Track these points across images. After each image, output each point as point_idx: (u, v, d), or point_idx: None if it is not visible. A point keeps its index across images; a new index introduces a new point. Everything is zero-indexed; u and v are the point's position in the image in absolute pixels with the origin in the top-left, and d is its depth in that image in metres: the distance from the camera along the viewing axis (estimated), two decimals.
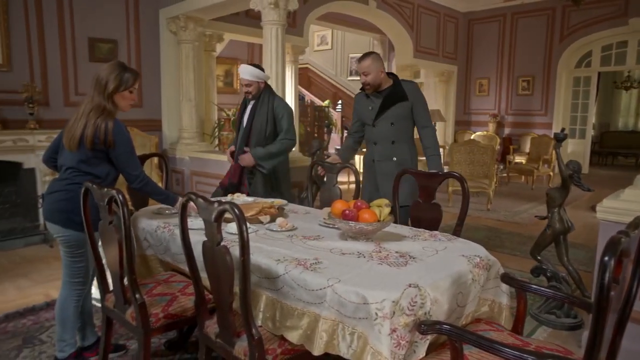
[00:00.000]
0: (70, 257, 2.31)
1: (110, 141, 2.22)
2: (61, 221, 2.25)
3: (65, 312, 2.32)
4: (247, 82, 3.47)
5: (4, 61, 4.86)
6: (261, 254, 1.83)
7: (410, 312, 1.48)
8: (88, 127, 2.20)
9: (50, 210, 2.29)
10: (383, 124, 3.19)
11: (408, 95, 3.14)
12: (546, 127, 9.92)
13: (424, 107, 3.21)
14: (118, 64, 2.32)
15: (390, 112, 3.15)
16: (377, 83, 3.11)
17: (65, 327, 2.32)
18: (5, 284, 3.59)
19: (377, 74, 3.08)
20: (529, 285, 1.80)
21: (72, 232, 2.26)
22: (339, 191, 3.13)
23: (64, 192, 2.27)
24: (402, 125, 3.19)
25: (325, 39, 12.85)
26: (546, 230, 3.03)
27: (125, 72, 2.29)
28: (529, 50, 10.08)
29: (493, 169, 6.48)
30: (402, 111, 3.16)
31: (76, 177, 2.27)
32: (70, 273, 2.32)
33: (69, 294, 2.33)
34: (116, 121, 2.26)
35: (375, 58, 3.09)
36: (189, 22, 5.74)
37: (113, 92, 2.25)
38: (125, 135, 2.29)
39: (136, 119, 5.93)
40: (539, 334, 2.82)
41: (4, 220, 4.60)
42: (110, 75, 2.25)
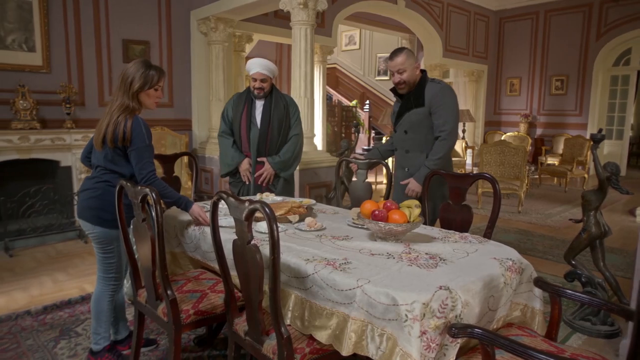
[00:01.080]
0: (102, 253, 2.36)
1: (127, 138, 2.22)
2: (91, 218, 2.31)
3: (100, 306, 2.38)
4: (263, 77, 3.17)
5: (44, 63, 5.05)
6: (290, 253, 1.84)
7: (440, 314, 1.46)
8: (110, 125, 2.22)
9: (82, 208, 2.35)
10: (399, 131, 2.97)
11: (426, 100, 2.78)
12: (580, 127, 9.62)
13: (445, 115, 2.77)
14: (143, 62, 2.31)
15: (404, 119, 2.90)
16: (413, 80, 2.82)
17: (100, 321, 2.39)
18: (43, 277, 3.73)
19: (413, 71, 2.79)
20: (564, 291, 1.74)
21: (101, 229, 2.31)
22: (370, 187, 3.09)
23: (93, 190, 2.32)
24: (416, 134, 2.87)
25: (353, 39, 12.81)
26: (581, 234, 2.94)
27: (150, 70, 2.29)
28: (563, 49, 9.81)
29: (524, 170, 6.33)
30: (416, 118, 2.84)
31: (104, 175, 2.31)
32: (103, 268, 2.39)
33: (103, 288, 2.39)
34: (136, 118, 2.26)
35: (409, 53, 2.79)
36: (219, 23, 5.82)
37: (138, 90, 2.26)
38: (143, 132, 2.26)
39: (167, 119, 6.06)
40: (572, 341, 2.74)
41: (42, 217, 4.77)
42: (136, 74, 2.25)
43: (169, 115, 6.17)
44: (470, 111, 9.96)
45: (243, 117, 3.27)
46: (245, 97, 3.31)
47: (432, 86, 2.82)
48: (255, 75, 3.18)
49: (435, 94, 2.77)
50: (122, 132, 2.21)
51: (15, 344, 2.66)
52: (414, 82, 2.83)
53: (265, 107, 3.26)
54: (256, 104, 3.28)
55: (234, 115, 3.31)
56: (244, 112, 3.28)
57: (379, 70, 12.34)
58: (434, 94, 2.78)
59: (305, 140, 4.57)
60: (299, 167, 4.44)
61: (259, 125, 3.25)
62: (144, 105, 2.34)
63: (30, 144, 4.74)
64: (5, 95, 4.78)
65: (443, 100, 2.78)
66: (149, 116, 5.82)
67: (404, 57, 2.77)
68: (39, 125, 4.85)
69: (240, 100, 3.32)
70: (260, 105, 3.27)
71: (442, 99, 2.78)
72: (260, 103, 3.27)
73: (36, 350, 2.58)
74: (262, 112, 3.26)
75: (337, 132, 10.94)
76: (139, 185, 2.24)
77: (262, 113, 3.26)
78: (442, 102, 2.78)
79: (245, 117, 3.27)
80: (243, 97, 3.32)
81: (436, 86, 2.81)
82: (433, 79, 2.87)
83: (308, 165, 4.52)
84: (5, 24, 4.80)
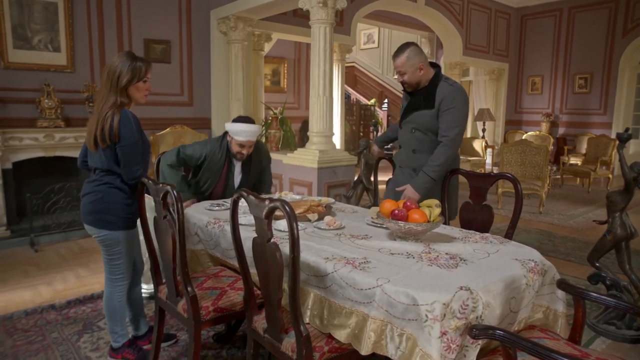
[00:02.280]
0: (108, 255, 2.33)
1: (115, 134, 2.12)
2: (95, 222, 2.26)
3: (111, 306, 2.38)
4: (252, 143, 2.98)
5: (68, 63, 5.16)
6: (310, 251, 1.84)
7: (461, 315, 1.44)
8: (99, 123, 2.14)
9: (84, 212, 2.30)
10: (406, 129, 2.80)
11: (437, 101, 2.60)
12: (605, 127, 9.40)
13: (451, 119, 2.58)
14: (127, 54, 2.21)
15: (411, 118, 2.73)
16: (415, 82, 2.66)
17: (114, 320, 2.40)
18: (66, 272, 3.81)
19: (414, 73, 2.62)
20: (589, 293, 1.71)
21: (107, 231, 2.26)
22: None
23: (94, 194, 2.26)
24: (425, 135, 2.70)
25: (371, 37, 12.75)
26: (606, 236, 2.87)
27: (136, 62, 2.18)
28: (587, 46, 9.59)
29: (546, 170, 6.22)
30: (423, 120, 2.67)
31: (104, 177, 2.25)
32: (110, 270, 2.37)
33: (111, 290, 2.38)
34: (124, 111, 2.17)
35: (411, 54, 2.59)
36: (238, 22, 5.86)
37: (127, 84, 2.17)
38: (132, 126, 2.16)
39: (187, 117, 6.14)
40: (596, 345, 2.68)
41: (66, 213, 4.88)
42: (123, 68, 2.15)
43: (188, 113, 6.24)
44: (490, 110, 9.82)
45: (221, 177, 3.05)
46: (225, 155, 3.01)
47: (444, 87, 2.62)
48: (245, 143, 2.94)
49: (446, 97, 2.58)
50: (110, 127, 2.11)
51: (41, 336, 2.73)
52: (416, 82, 2.66)
53: (244, 169, 3.10)
54: (234, 165, 3.08)
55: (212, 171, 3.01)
56: (222, 172, 3.04)
57: None
58: (445, 96, 2.59)
59: (324, 139, 4.58)
60: (317, 165, 4.45)
61: (235, 187, 3.09)
62: (133, 100, 2.25)
63: (55, 142, 4.86)
64: (31, 94, 4.91)
65: (452, 103, 2.58)
66: (170, 115, 5.93)
67: (403, 59, 2.60)
68: (63, 124, 4.96)
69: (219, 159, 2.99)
70: (239, 166, 3.09)
71: (452, 102, 2.58)
72: (239, 164, 3.09)
73: (60, 343, 2.64)
74: (241, 175, 3.10)
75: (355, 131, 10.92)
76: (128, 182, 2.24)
77: (242, 177, 3.10)
78: (450, 105, 2.58)
79: (223, 177, 3.06)
80: (223, 156, 3.00)
81: (448, 87, 2.61)
82: (447, 79, 2.68)
83: (327, 164, 4.52)
84: (32, 25, 4.92)
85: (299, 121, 8.82)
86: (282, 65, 8.82)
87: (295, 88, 9.04)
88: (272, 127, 5.76)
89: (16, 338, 2.70)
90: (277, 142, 5.65)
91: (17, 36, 4.84)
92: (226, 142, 3.02)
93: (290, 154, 4.88)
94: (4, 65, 4.79)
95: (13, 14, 4.78)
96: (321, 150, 4.52)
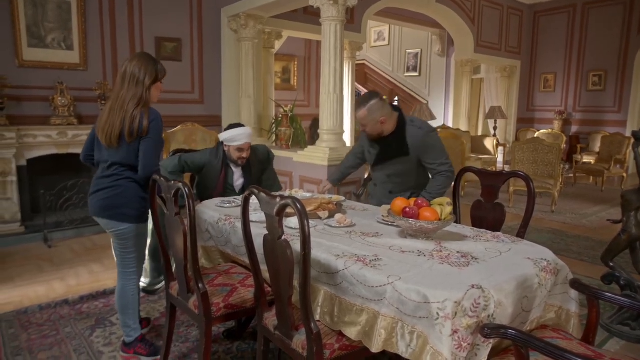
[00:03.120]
0: (124, 249, 2.38)
1: (145, 127, 2.23)
2: (115, 216, 2.30)
3: (124, 300, 2.42)
4: (250, 145, 3.08)
5: (81, 61, 5.22)
6: (321, 249, 1.84)
7: (473, 313, 1.44)
8: (126, 120, 2.21)
9: (101, 207, 2.32)
10: (380, 173, 2.87)
11: (411, 148, 2.65)
12: (619, 125, 9.26)
13: (436, 154, 2.68)
14: (148, 57, 2.32)
15: (387, 165, 2.79)
16: (376, 133, 2.69)
17: (128, 315, 2.44)
18: (79, 268, 3.86)
19: (375, 126, 2.64)
20: (603, 293, 1.68)
21: (128, 225, 2.32)
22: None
23: (113, 189, 2.31)
24: (402, 179, 2.78)
25: (382, 35, 12.69)
26: (620, 235, 2.83)
27: (157, 64, 2.32)
28: (601, 43, 9.45)
29: (558, 168, 6.15)
30: (401, 167, 2.74)
31: (124, 172, 2.31)
32: (123, 264, 2.42)
33: (125, 283, 2.43)
34: (152, 109, 2.29)
35: (372, 108, 2.58)
36: (249, 20, 5.87)
37: (150, 85, 2.28)
38: (160, 124, 2.30)
39: (197, 115, 6.16)
40: (610, 346, 2.65)
41: (79, 210, 4.94)
42: (148, 68, 2.27)
43: (199, 111, 6.27)
44: (502, 108, 9.73)
45: (219, 184, 3.11)
46: (222, 163, 3.10)
47: (413, 131, 2.66)
48: (243, 146, 3.03)
49: (419, 138, 2.65)
50: (139, 124, 2.21)
51: (54, 331, 2.77)
52: (378, 133, 2.69)
53: (245, 172, 3.15)
54: (233, 170, 3.14)
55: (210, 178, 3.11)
56: (220, 178, 3.11)
57: (408, 66, 12.19)
58: (417, 138, 2.65)
59: (334, 136, 4.57)
60: (327, 163, 4.45)
61: (237, 191, 3.14)
62: (150, 98, 2.34)
63: (68, 139, 4.91)
64: (45, 92, 4.96)
65: (428, 142, 2.67)
66: (181, 112, 5.96)
67: (365, 112, 2.60)
68: (76, 121, 5.01)
69: (216, 167, 3.10)
70: (238, 171, 3.15)
71: (428, 141, 2.67)
72: (238, 169, 3.15)
73: (74, 338, 2.68)
74: (242, 180, 3.16)
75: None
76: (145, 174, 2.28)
77: (244, 181, 3.16)
78: (428, 144, 2.67)
79: (222, 183, 3.12)
80: (220, 164, 3.10)
81: (417, 131, 2.66)
82: (412, 121, 2.72)
83: (337, 161, 4.51)
84: (45, 24, 4.97)
85: (309, 119, 8.82)
86: (293, 63, 8.82)
87: (306, 86, 9.03)
88: (282, 124, 5.75)
89: (31, 332, 2.74)
90: (288, 140, 5.65)
91: (31, 35, 4.90)
92: (222, 151, 3.10)
93: (301, 152, 4.88)
94: (18, 63, 4.85)
95: (27, 13, 4.84)
96: (331, 148, 4.52)
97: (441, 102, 11.36)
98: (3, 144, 4.49)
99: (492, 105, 9.91)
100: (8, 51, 4.80)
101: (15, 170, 4.62)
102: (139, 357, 2.44)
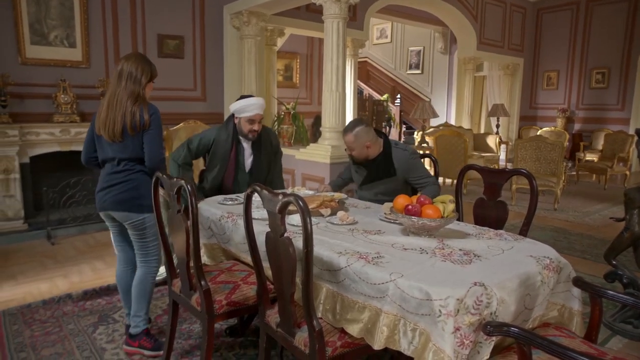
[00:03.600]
0: (143, 238, 2.45)
1: (146, 121, 2.32)
2: (134, 208, 2.38)
3: (143, 288, 2.47)
4: (261, 117, 2.99)
5: (84, 58, 5.22)
6: (323, 246, 1.84)
7: (475, 311, 1.44)
8: (127, 115, 2.30)
9: (117, 202, 2.38)
10: (368, 192, 2.98)
11: (397, 169, 2.83)
12: (622, 122, 9.23)
13: (421, 172, 2.87)
14: (143, 57, 2.43)
15: (374, 185, 2.92)
16: (362, 157, 2.85)
17: (142, 303, 2.48)
18: (82, 265, 3.87)
19: (362, 150, 2.81)
20: (606, 291, 1.68)
21: (145, 214, 2.41)
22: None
23: (128, 182, 2.38)
24: (390, 198, 2.66)
25: (384, 32, 12.67)
26: (623, 233, 2.82)
27: (151, 64, 2.42)
28: (605, 40, 9.41)
29: (561, 166, 6.13)
30: (388, 186, 2.88)
31: (135, 166, 2.39)
32: (144, 253, 2.48)
33: (146, 271, 2.49)
34: (151, 105, 2.38)
35: (359, 133, 2.76)
36: (251, 17, 5.87)
37: (147, 83, 2.38)
38: (159, 118, 2.39)
39: (199, 112, 6.16)
40: (612, 344, 2.64)
41: (81, 207, 4.95)
42: (144, 68, 2.36)
43: (201, 108, 6.27)
44: (504, 105, 9.70)
45: (230, 161, 3.00)
46: (232, 138, 2.99)
47: (399, 153, 2.86)
48: (255, 117, 2.93)
49: (405, 160, 2.84)
50: (140, 116, 2.30)
51: (58, 327, 2.78)
52: (364, 157, 2.86)
53: (255, 150, 3.05)
54: (243, 147, 3.03)
55: (220, 155, 3.01)
56: (231, 155, 3.00)
57: (411, 64, 12.17)
58: (404, 162, 2.84)
59: (337, 134, 4.57)
60: (329, 161, 4.45)
61: (247, 170, 3.06)
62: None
63: (71, 136, 4.92)
64: (48, 89, 4.97)
65: (412, 163, 2.87)
66: (183, 109, 5.96)
67: (352, 137, 2.79)
68: (79, 119, 5.02)
69: (226, 141, 2.99)
70: (249, 147, 3.04)
71: (412, 163, 2.86)
72: (248, 146, 3.04)
73: (77, 335, 2.69)
74: (252, 158, 3.05)
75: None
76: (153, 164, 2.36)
77: (253, 159, 3.05)
78: (412, 165, 2.87)
79: (233, 161, 3.01)
80: (230, 139, 2.99)
81: (404, 153, 2.87)
82: (397, 144, 2.93)
83: (339, 159, 4.52)
84: (48, 21, 4.98)
85: (311, 116, 8.82)
86: (295, 61, 8.81)
87: (308, 83, 9.03)
88: (284, 122, 5.77)
89: (34, 329, 2.76)
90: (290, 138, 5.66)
91: (34, 32, 4.90)
92: (232, 125, 3.01)
93: (303, 149, 4.88)
94: (21, 61, 4.86)
95: (30, 10, 4.84)
96: (333, 145, 4.52)
97: (443, 100, 11.34)
98: (6, 142, 4.51)
99: (494, 103, 9.88)
100: (11, 48, 4.81)
101: (18, 168, 4.64)
102: (143, 351, 2.46)
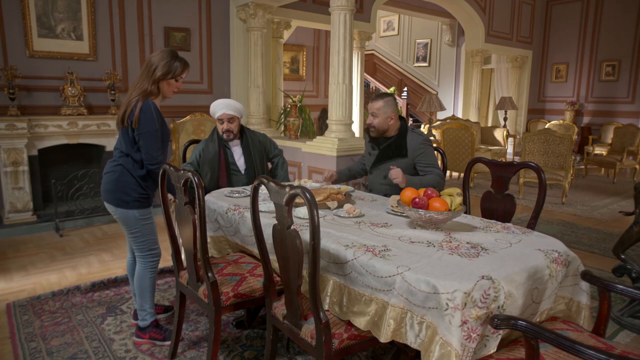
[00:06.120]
0: (128, 233, 2.45)
1: (135, 120, 2.27)
2: (112, 200, 2.39)
3: (143, 283, 2.48)
4: (230, 116, 3.02)
5: (91, 51, 5.23)
6: (330, 238, 1.84)
7: (482, 304, 1.43)
8: (127, 104, 2.31)
9: (104, 191, 2.43)
10: (377, 175, 2.98)
11: (409, 151, 2.85)
12: (633, 116, 9.13)
13: (428, 160, 2.86)
14: (170, 52, 2.37)
15: (385, 166, 2.90)
16: (382, 129, 2.88)
17: (145, 297, 2.49)
18: (90, 257, 3.91)
19: (385, 120, 2.85)
20: (614, 285, 1.67)
21: (122, 210, 2.38)
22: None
23: (112, 173, 2.40)
24: (396, 186, 2.82)
25: (391, 25, 12.57)
26: (633, 228, 2.80)
27: (175, 61, 2.35)
28: (615, 32, 9.29)
29: (569, 160, 6.08)
30: (400, 167, 2.83)
31: (120, 159, 2.39)
32: (137, 248, 2.47)
33: (143, 266, 2.48)
34: (147, 101, 2.31)
35: (388, 102, 2.84)
36: (258, 10, 5.84)
37: (160, 78, 2.33)
38: (152, 115, 2.30)
39: (206, 105, 6.14)
40: (620, 339, 2.63)
41: (89, 199, 4.99)
42: (161, 62, 2.32)
43: (208, 101, 6.23)
44: (512, 98, 9.62)
45: (221, 165, 3.08)
46: (218, 143, 3.09)
47: (414, 137, 2.88)
48: (221, 116, 3.03)
49: (418, 146, 2.85)
50: (131, 112, 2.29)
51: (67, 318, 2.81)
52: (384, 129, 2.89)
53: (245, 150, 3.12)
54: (233, 150, 3.13)
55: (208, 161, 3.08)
56: (220, 159, 3.07)
57: (418, 56, 12.08)
58: (417, 145, 2.85)
59: (343, 127, 4.55)
60: (336, 153, 4.44)
61: (243, 171, 3.13)
62: (162, 93, 2.41)
63: (78, 129, 4.95)
64: (55, 82, 4.99)
65: (425, 149, 2.86)
66: (190, 102, 5.97)
67: (381, 104, 2.84)
68: (86, 112, 5.04)
69: (212, 147, 3.08)
70: (238, 149, 3.14)
71: (424, 149, 2.86)
72: (237, 147, 3.13)
73: (85, 325, 2.72)
74: (244, 158, 3.13)
75: None
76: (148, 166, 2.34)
77: (245, 159, 3.13)
78: (424, 151, 2.86)
79: (223, 164, 3.09)
80: (216, 144, 3.09)
81: (418, 137, 2.89)
82: (413, 130, 2.94)
83: (345, 152, 4.50)
84: (55, 14, 4.98)
85: (318, 109, 8.79)
86: (301, 53, 8.78)
87: (314, 76, 8.99)
88: (291, 115, 5.74)
89: (44, 319, 2.79)
90: (296, 130, 5.64)
91: (41, 25, 4.91)
92: (216, 132, 3.13)
93: (309, 142, 4.87)
94: (28, 54, 4.87)
95: (37, 3, 4.85)
96: (340, 138, 4.50)
97: (451, 93, 11.26)
98: (14, 134, 4.54)
99: (502, 96, 9.80)
100: (18, 41, 4.82)
101: (26, 160, 4.67)
102: (155, 342, 2.49)
